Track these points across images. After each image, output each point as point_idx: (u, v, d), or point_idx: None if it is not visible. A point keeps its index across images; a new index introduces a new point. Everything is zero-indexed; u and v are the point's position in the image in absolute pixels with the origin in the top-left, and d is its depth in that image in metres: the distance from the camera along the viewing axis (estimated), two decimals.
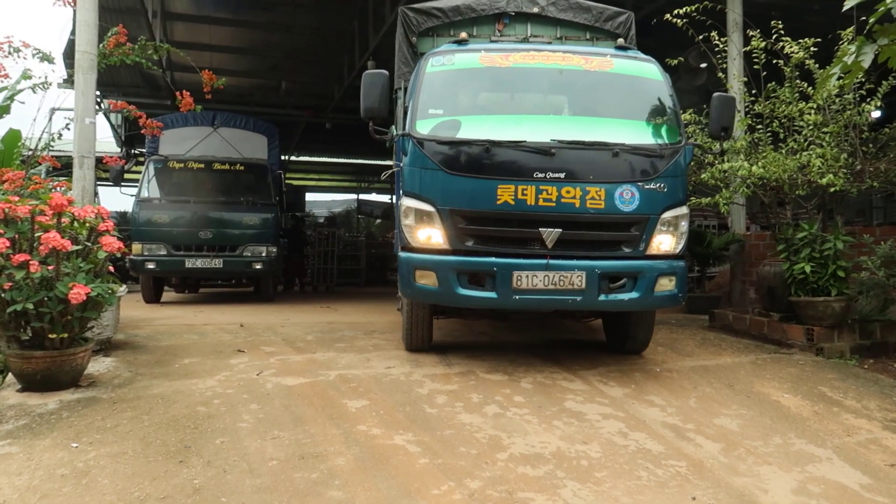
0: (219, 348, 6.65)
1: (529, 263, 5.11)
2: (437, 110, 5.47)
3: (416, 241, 5.31)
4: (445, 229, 5.18)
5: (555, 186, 5.08)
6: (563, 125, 5.71)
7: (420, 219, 5.25)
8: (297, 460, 3.73)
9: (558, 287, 5.10)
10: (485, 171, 5.14)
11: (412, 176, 5.36)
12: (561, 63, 5.72)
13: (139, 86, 14.98)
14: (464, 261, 5.18)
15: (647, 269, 5.24)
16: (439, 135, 5.29)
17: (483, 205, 5.13)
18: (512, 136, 5.23)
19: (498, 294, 5.10)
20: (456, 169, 5.16)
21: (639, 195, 5.20)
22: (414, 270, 5.27)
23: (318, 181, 29.55)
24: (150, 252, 10.44)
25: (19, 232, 4.87)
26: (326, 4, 12.07)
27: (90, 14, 6.31)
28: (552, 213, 5.12)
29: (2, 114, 7.45)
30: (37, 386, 4.84)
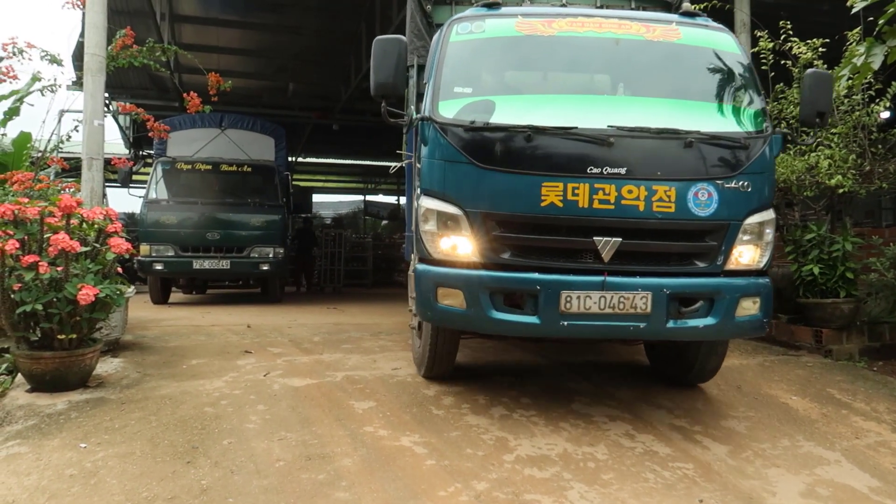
0: (226, 349, 6.67)
1: (581, 281, 4.10)
2: (465, 89, 4.55)
3: (439, 251, 4.32)
4: (476, 237, 4.18)
5: (613, 184, 4.12)
6: (621, 108, 4.66)
7: (444, 224, 4.27)
8: (303, 461, 3.74)
9: (617, 311, 4.08)
10: (526, 165, 4.16)
11: (433, 170, 4.37)
12: (617, 31, 4.69)
13: (147, 87, 15.05)
14: (499, 277, 4.16)
15: (726, 288, 4.24)
16: (468, 119, 4.30)
17: (524, 207, 4.16)
18: (559, 121, 4.23)
19: (541, 319, 4.07)
20: (489, 162, 4.18)
21: (717, 196, 4.23)
22: (435, 288, 4.27)
23: (325, 182, 29.62)
24: (158, 253, 10.49)
25: (29, 233, 4.91)
26: (333, 6, 12.10)
27: (99, 16, 6.35)
28: (610, 219, 4.14)
29: (11, 116, 7.51)
30: (46, 386, 4.87)
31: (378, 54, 4.36)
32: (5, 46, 6.81)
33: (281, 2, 11.88)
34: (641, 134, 4.25)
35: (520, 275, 4.17)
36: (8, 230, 4.77)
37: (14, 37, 6.86)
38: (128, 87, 14.71)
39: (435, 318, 4.48)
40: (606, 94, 4.89)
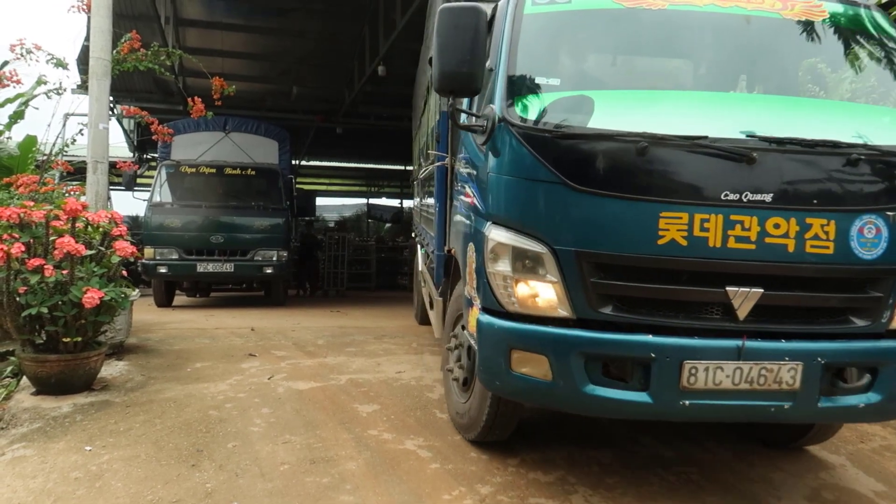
0: (230, 352, 6.68)
1: (711, 347, 3.08)
2: (551, 80, 3.48)
3: (514, 301, 3.25)
4: (568, 284, 3.13)
5: (755, 216, 3.05)
6: (756, 110, 3.53)
7: (522, 265, 3.22)
8: (308, 464, 3.74)
9: (756, 387, 3.08)
10: (639, 188, 3.08)
11: (508, 192, 3.29)
12: (747, 6, 3.61)
13: (152, 91, 15.08)
14: (600, 339, 3.11)
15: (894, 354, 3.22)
16: (557, 121, 3.18)
17: (635, 245, 3.08)
18: (681, 128, 3.15)
19: (654, 397, 3.08)
20: (589, 182, 3.08)
21: (887, 232, 3.17)
22: (509, 351, 3.24)
23: (328, 186, 29.62)
24: (163, 256, 10.50)
25: (34, 236, 4.93)
26: (337, 10, 12.11)
27: (104, 20, 6.37)
28: (750, 262, 3.09)
29: (17, 119, 7.53)
30: (51, 389, 4.88)
31: (446, 30, 3.22)
32: (13, 48, 6.83)
33: (285, 6, 11.90)
34: (793, 147, 3.13)
35: (628, 337, 3.10)
36: (14, 233, 4.78)
37: (22, 38, 6.89)
38: (132, 91, 14.74)
39: (506, 390, 3.40)
40: (736, 90, 3.75)
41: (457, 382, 4.25)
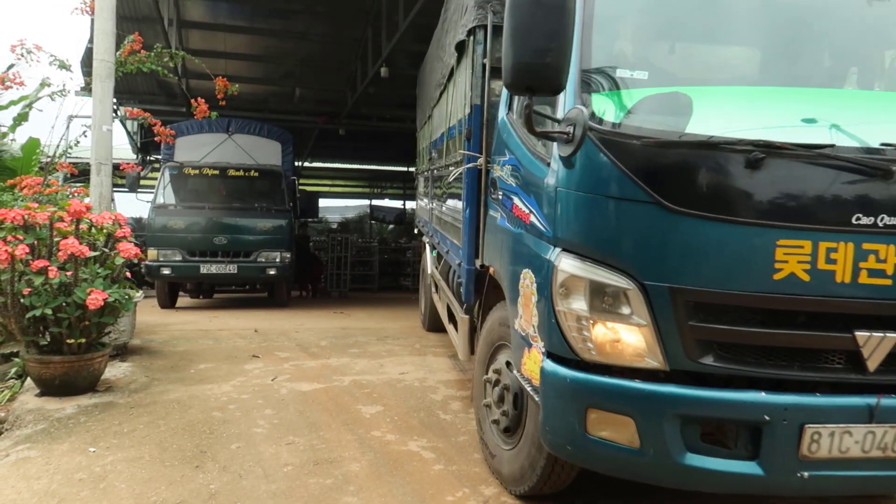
0: (234, 353, 6.69)
1: (837, 406, 2.57)
2: (636, 73, 2.81)
3: (591, 347, 2.66)
4: (660, 328, 2.57)
5: (893, 244, 2.53)
6: (887, 112, 2.93)
7: (601, 303, 2.63)
8: (311, 466, 3.74)
9: (892, 454, 2.57)
10: (750, 210, 2.52)
11: (585, 212, 2.70)
12: None
13: (155, 93, 15.10)
14: (700, 397, 2.55)
15: None
16: (648, 125, 2.61)
17: (745, 281, 2.53)
18: (798, 134, 2.58)
19: (766, 468, 2.55)
20: (688, 202, 2.50)
21: None
22: (584, 411, 2.67)
23: (331, 187, 29.66)
24: (166, 258, 10.52)
25: (38, 238, 4.94)
26: (340, 12, 12.13)
27: (108, 23, 6.38)
28: (885, 301, 2.55)
29: (20, 121, 7.55)
30: (55, 391, 4.89)
31: (524, 8, 2.45)
32: (13, 48, 6.84)
33: (288, 8, 11.92)
34: None
35: (737, 395, 2.54)
36: (18, 235, 4.80)
37: (22, 39, 6.90)
38: (136, 93, 14.77)
39: (579, 457, 2.84)
40: (860, 86, 3.08)
41: (497, 426, 3.58)
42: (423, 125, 8.80)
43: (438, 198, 6.44)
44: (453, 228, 5.16)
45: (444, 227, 5.93)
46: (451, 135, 5.32)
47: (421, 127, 9.15)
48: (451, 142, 5.41)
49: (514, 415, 3.42)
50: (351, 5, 11.81)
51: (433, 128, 7.15)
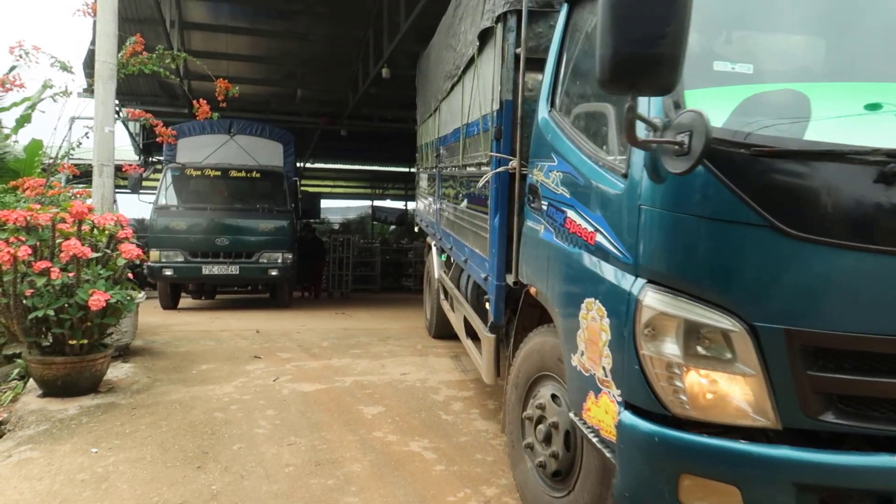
0: (235, 354, 6.70)
1: None
2: (740, 65, 2.39)
3: (685, 399, 2.19)
4: (772, 378, 2.12)
5: None
6: None
7: (700, 347, 2.18)
8: (313, 466, 3.75)
9: None
10: (884, 235, 2.08)
11: (678, 237, 2.23)
12: None
13: (157, 94, 15.14)
14: (823, 463, 2.11)
15: None
16: (759, 130, 2.09)
17: (878, 321, 2.09)
18: None
19: None
20: (809, 226, 2.08)
21: None
22: (676, 476, 2.19)
23: (333, 188, 29.71)
24: (168, 259, 10.54)
25: (41, 239, 4.95)
26: (342, 13, 12.15)
27: (110, 24, 6.39)
28: None
29: (23, 123, 7.57)
30: (57, 391, 4.90)
31: None
32: (12, 50, 6.86)
33: (289, 9, 11.94)
34: None
35: (866, 459, 2.09)
36: (20, 236, 4.81)
37: (21, 40, 6.91)
38: (138, 94, 14.80)
39: None
40: None
41: (543, 470, 3.10)
42: (425, 119, 8.15)
43: (450, 199, 5.91)
44: (475, 236, 4.56)
45: (460, 233, 5.32)
46: (471, 132, 4.76)
47: (423, 121, 8.49)
48: (469, 140, 4.87)
49: (566, 457, 2.91)
50: (352, 6, 11.82)
51: (440, 122, 6.62)
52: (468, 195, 4.89)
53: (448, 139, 6.02)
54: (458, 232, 5.36)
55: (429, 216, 7.80)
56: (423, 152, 8.55)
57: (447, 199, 6.13)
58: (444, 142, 6.36)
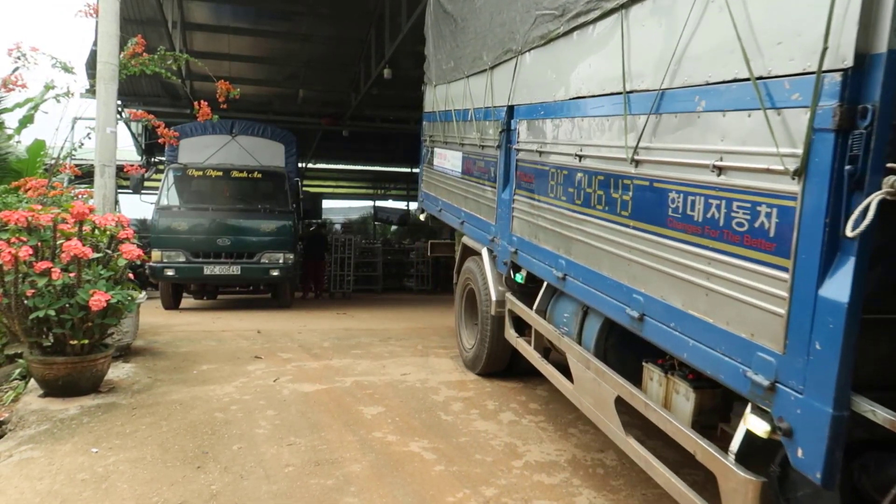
0: (236, 354, 6.70)
1: None
2: None
3: None
4: None
5: None
6: None
7: None
8: (313, 466, 3.75)
9: None
10: None
11: None
12: None
13: (159, 95, 15.19)
14: None
15: None
16: None
17: None
18: None
19: None
20: None
21: None
22: None
23: (335, 188, 29.76)
24: (170, 259, 10.57)
25: (42, 240, 4.96)
26: (344, 14, 12.19)
27: (111, 25, 6.41)
28: None
29: (26, 124, 7.60)
30: (58, 391, 4.91)
31: None
32: (10, 52, 6.88)
33: (292, 10, 11.98)
34: None
35: None
36: (21, 237, 4.82)
37: (18, 42, 6.93)
38: (140, 95, 14.85)
39: None
40: None
41: None
42: (463, 75, 6.05)
43: (593, 206, 3.50)
44: (723, 302, 2.45)
45: (609, 266, 3.31)
46: (670, 108, 2.81)
47: (453, 79, 6.45)
48: (665, 119, 2.84)
49: None
50: (354, 7, 11.85)
51: (536, 79, 4.46)
52: (726, 226, 2.44)
53: (581, 108, 3.69)
54: (646, 279, 2.97)
55: (472, 211, 5.82)
56: (455, 122, 6.40)
57: (576, 203, 3.69)
58: (557, 112, 4.04)
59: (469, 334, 6.16)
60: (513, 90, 4.81)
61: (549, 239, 4.09)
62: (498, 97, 5.14)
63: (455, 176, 6.45)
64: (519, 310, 4.80)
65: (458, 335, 6.40)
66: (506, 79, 4.94)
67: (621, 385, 3.21)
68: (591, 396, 3.56)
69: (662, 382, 3.04)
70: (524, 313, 4.68)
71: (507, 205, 4.86)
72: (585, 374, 3.60)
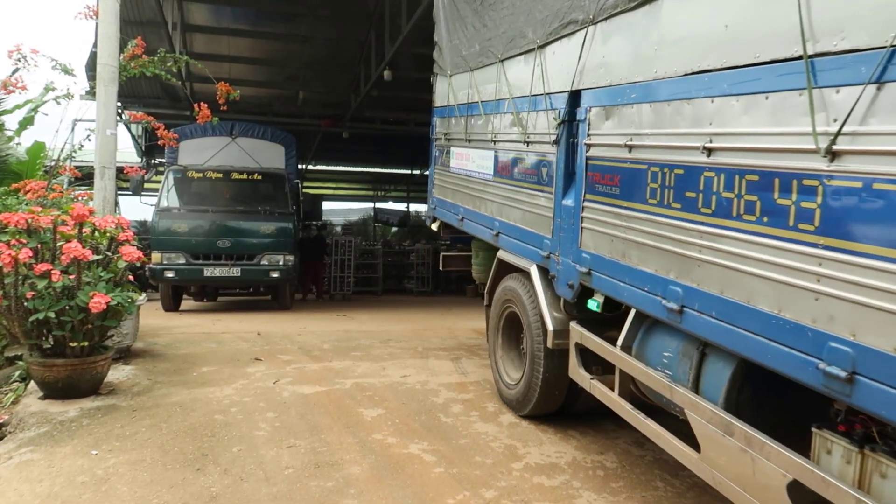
0: (236, 356, 6.70)
1: None
2: None
3: None
4: None
5: None
6: None
7: None
8: (312, 469, 3.75)
9: None
10: None
11: None
12: None
13: (159, 97, 15.20)
14: None
15: None
16: None
17: None
18: None
19: None
20: None
21: None
22: None
23: (335, 190, 29.77)
24: (170, 261, 10.57)
25: (42, 242, 4.96)
26: (344, 16, 12.20)
27: (111, 27, 6.42)
28: None
29: (26, 125, 7.60)
30: (58, 394, 4.91)
31: None
32: (10, 54, 6.89)
33: (292, 11, 11.99)
34: None
35: None
36: (21, 239, 4.82)
37: (19, 44, 6.94)
38: (140, 97, 14.86)
39: None
40: None
41: None
42: (495, 59, 5.15)
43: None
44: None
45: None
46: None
47: (482, 65, 5.46)
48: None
49: None
50: (354, 9, 11.86)
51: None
52: None
53: (711, 85, 2.80)
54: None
55: (514, 221, 4.83)
56: (483, 115, 5.49)
57: (701, 212, 2.82)
58: (661, 93, 3.13)
59: (512, 367, 5.09)
60: (579, 71, 3.84)
61: (652, 258, 3.12)
62: (554, 81, 4.19)
63: (484, 179, 5.45)
64: (593, 344, 3.76)
65: (494, 367, 5.31)
66: (567, 58, 3.99)
67: (800, 465, 2.26)
68: (738, 474, 2.61)
69: (852, 459, 2.19)
70: (603, 350, 3.65)
71: (571, 213, 3.91)
72: (724, 443, 2.66)
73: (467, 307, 11.56)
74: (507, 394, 4.96)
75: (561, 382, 4.35)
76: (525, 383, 4.63)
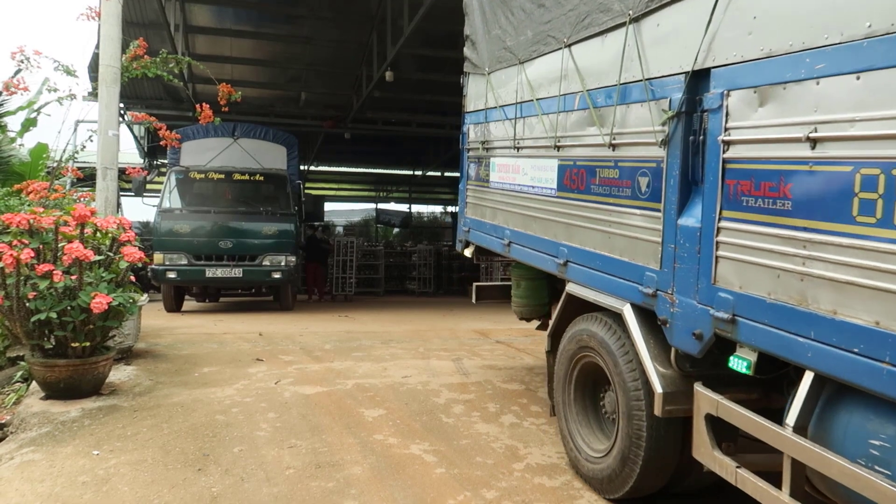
0: (238, 357, 6.71)
1: None
2: None
3: None
4: None
5: None
6: None
7: None
8: (313, 469, 3.75)
9: None
10: None
11: None
12: None
13: (161, 98, 15.22)
14: None
15: None
16: None
17: None
18: None
19: None
20: None
21: None
22: None
23: (337, 191, 29.77)
24: (172, 261, 10.59)
25: (43, 242, 4.97)
26: (346, 17, 12.21)
27: (114, 28, 6.43)
28: None
29: (29, 126, 7.63)
30: (60, 394, 4.91)
31: None
32: (13, 55, 6.91)
33: (294, 13, 12.00)
34: None
35: None
36: (23, 239, 4.83)
37: (22, 45, 6.97)
38: (142, 98, 14.89)
39: None
40: None
41: None
42: (558, 33, 4.11)
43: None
44: None
45: None
46: None
47: (535, 55, 4.48)
48: None
49: None
50: (356, 10, 11.87)
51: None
52: None
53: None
54: None
55: (595, 248, 3.74)
56: (541, 116, 4.41)
57: None
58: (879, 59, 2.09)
59: (592, 434, 3.85)
60: (708, 42, 2.83)
61: (860, 303, 2.12)
62: (659, 62, 3.20)
63: (543, 195, 4.42)
64: (742, 420, 2.64)
65: (564, 433, 4.01)
66: (682, 28, 3.03)
67: None
68: None
69: None
70: (762, 430, 2.51)
71: (695, 237, 2.89)
72: None
73: (469, 308, 11.57)
74: (589, 469, 3.70)
75: (671, 459, 3.30)
76: (618, 459, 3.43)
